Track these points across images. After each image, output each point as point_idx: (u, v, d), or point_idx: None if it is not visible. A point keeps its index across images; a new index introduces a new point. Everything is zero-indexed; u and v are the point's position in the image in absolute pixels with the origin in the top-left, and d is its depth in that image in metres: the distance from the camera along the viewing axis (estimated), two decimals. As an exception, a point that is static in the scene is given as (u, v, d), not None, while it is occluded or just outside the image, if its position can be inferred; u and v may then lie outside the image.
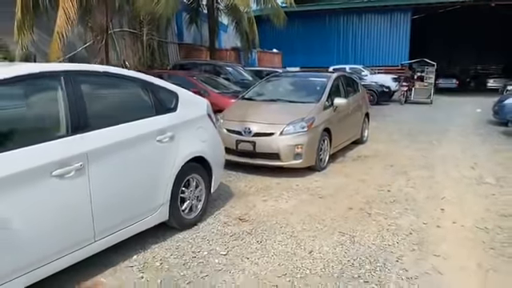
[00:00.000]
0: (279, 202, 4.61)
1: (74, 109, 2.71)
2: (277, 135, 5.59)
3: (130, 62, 15.20)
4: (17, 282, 2.30)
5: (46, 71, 2.66)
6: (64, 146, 2.58)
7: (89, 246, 2.75)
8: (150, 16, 14.75)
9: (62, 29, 8.54)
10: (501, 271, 3.04)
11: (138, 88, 3.40)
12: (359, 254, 3.32)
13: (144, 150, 3.22)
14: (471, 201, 4.71)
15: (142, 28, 15.93)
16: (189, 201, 3.80)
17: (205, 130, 4.04)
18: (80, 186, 2.64)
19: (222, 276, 2.94)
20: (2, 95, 2.37)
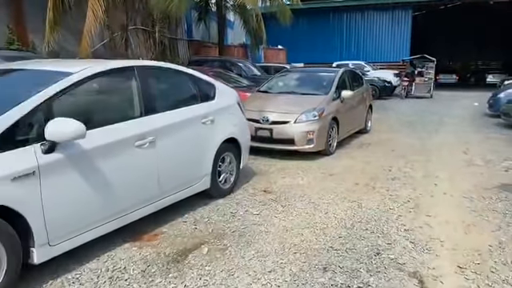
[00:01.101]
0: (296, 179, 5.39)
1: (145, 96, 3.49)
2: (291, 123, 6.36)
3: (143, 59, 15.96)
4: (112, 223, 3.10)
5: (126, 66, 3.45)
6: (141, 124, 3.36)
7: (157, 202, 3.55)
8: (162, 14, 15.47)
9: (91, 27, 9.32)
10: (478, 225, 3.83)
11: (188, 80, 4.19)
12: (366, 214, 4.10)
13: (193, 130, 4.00)
14: (461, 178, 5.49)
15: (154, 26, 16.65)
16: (224, 174, 4.59)
17: (235, 116, 4.82)
18: (152, 155, 3.42)
19: (258, 227, 3.72)
20: (101, 83, 3.15)
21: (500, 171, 5.84)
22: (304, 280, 2.79)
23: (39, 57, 7.93)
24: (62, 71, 2.97)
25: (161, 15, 15.90)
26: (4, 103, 2.56)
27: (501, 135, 8.87)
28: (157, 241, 3.39)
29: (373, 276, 2.86)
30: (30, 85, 2.82)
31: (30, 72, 3.21)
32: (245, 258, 3.10)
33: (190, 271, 2.89)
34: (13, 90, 2.88)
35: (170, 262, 3.02)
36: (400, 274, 2.90)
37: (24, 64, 3.61)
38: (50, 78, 2.86)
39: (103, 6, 9.36)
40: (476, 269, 2.97)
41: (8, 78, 3.19)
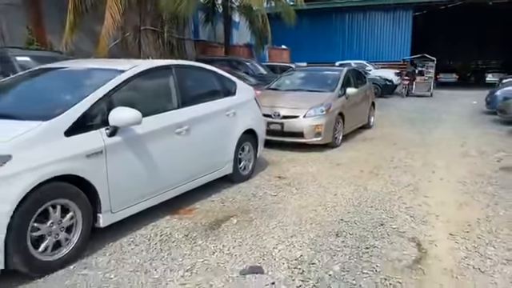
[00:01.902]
0: (306, 168, 5.95)
1: (181, 91, 4.06)
2: (301, 117, 6.92)
3: (153, 58, 16.51)
4: (158, 197, 3.66)
5: (166, 64, 4.03)
6: (178, 114, 3.92)
7: (191, 182, 4.12)
8: (170, 15, 16.00)
9: (109, 29, 9.89)
10: (469, 204, 4.38)
11: (214, 78, 4.76)
12: (371, 195, 4.65)
13: (219, 121, 4.56)
14: (456, 167, 6.04)
15: (162, 26, 17.17)
16: (244, 161, 5.15)
17: (253, 110, 5.38)
18: (187, 141, 3.97)
19: (276, 205, 4.28)
20: (147, 79, 3.71)
21: (493, 161, 6.38)
22: (321, 242, 3.34)
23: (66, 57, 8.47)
24: (116, 69, 3.53)
25: (169, 16, 16.41)
26: (74, 96, 3.12)
27: (496, 130, 9.42)
28: (192, 214, 3.95)
29: (378, 240, 3.41)
30: (93, 80, 3.39)
31: (90, 70, 3.77)
32: (269, 227, 3.66)
33: (225, 236, 3.45)
34: (79, 85, 3.44)
35: (207, 229, 3.58)
36: (401, 239, 3.46)
37: (81, 63, 4.17)
38: (107, 74, 3.42)
39: (121, 9, 9.91)
40: (465, 235, 3.53)
41: (73, 75, 3.75)
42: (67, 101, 3.04)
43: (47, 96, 3.37)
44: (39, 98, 3.37)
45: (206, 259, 3.02)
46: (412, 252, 3.21)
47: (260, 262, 2.99)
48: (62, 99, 3.12)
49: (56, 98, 3.23)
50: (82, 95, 3.09)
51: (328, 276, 2.79)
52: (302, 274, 2.81)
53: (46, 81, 3.72)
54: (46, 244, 2.72)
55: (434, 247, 3.31)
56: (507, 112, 10.13)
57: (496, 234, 3.55)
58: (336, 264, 2.96)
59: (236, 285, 2.67)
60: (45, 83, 3.67)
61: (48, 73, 3.83)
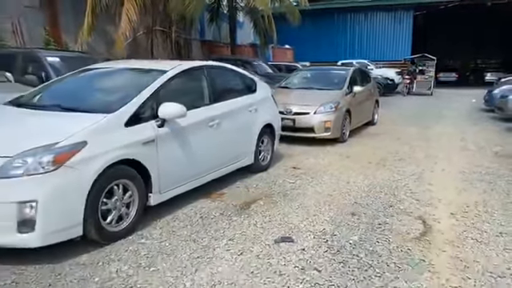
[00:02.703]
0: (318, 160, 6.46)
1: (212, 89, 4.57)
2: (311, 114, 7.42)
3: (162, 58, 17.00)
4: (196, 181, 4.19)
5: (199, 65, 4.55)
6: (210, 109, 4.43)
7: (220, 169, 4.63)
8: (179, 16, 16.47)
9: (125, 30, 10.38)
10: (468, 190, 4.90)
11: (238, 77, 5.28)
12: (379, 183, 5.16)
13: (243, 116, 5.07)
14: (457, 159, 6.55)
15: (170, 27, 17.65)
16: (263, 153, 5.65)
17: (270, 106, 5.88)
18: (218, 133, 4.47)
19: (296, 191, 4.79)
20: (185, 78, 4.22)
21: (490, 155, 6.90)
22: (339, 219, 3.86)
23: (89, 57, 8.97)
24: (159, 69, 4.04)
25: (178, 17, 16.88)
26: (129, 93, 3.63)
27: (494, 127, 9.95)
28: (223, 197, 4.47)
29: (388, 218, 3.93)
30: (141, 79, 3.90)
31: (137, 70, 4.27)
32: (292, 208, 4.17)
33: (255, 214, 3.96)
34: (131, 83, 3.94)
35: (239, 209, 4.09)
36: (408, 217, 3.97)
37: (125, 64, 4.67)
38: (153, 74, 3.93)
39: (137, 10, 10.41)
40: (464, 215, 4.04)
41: (123, 74, 4.26)
42: (124, 97, 3.55)
43: (106, 92, 3.89)
44: (100, 94, 3.89)
45: (243, 231, 3.54)
46: (418, 227, 3.72)
47: (289, 233, 3.50)
48: (119, 95, 3.62)
49: (114, 95, 3.74)
50: (136, 92, 3.60)
51: (349, 244, 3.31)
52: (327, 243, 3.32)
53: (100, 79, 4.23)
54: (111, 217, 3.22)
55: (437, 224, 3.82)
56: (505, 109, 10.63)
57: (491, 214, 4.06)
58: (354, 235, 3.48)
59: (272, 250, 3.18)
60: (100, 81, 4.18)
61: (99, 72, 4.34)
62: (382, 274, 2.83)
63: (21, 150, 2.80)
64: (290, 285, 2.68)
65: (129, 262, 2.95)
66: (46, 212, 2.73)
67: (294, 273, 2.83)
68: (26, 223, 2.71)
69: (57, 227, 2.82)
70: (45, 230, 2.75)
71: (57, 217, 2.81)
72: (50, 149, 2.83)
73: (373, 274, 2.82)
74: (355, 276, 2.80)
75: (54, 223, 2.80)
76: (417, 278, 2.79)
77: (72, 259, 2.96)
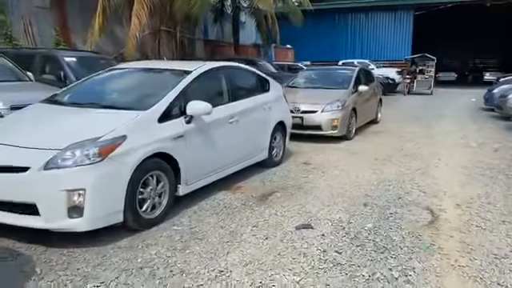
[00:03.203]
0: (327, 156, 6.75)
1: (231, 88, 4.86)
2: (319, 112, 7.72)
3: (167, 58, 17.27)
4: (218, 174, 4.48)
5: (219, 66, 4.83)
6: (230, 107, 4.72)
7: (239, 164, 4.92)
8: (184, 16, 16.72)
9: (136, 31, 10.65)
10: (471, 183, 5.19)
11: (254, 77, 5.57)
12: (387, 177, 5.45)
13: (259, 114, 5.36)
14: (459, 155, 6.85)
15: (175, 27, 17.89)
16: (276, 149, 5.94)
17: (282, 105, 6.17)
18: (237, 130, 4.76)
19: (309, 184, 5.07)
20: (207, 78, 4.50)
21: (490, 151, 7.20)
22: (353, 210, 4.15)
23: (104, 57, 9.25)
24: (184, 70, 4.33)
25: (183, 17, 17.11)
26: (159, 91, 3.91)
27: (493, 125, 10.26)
28: (241, 190, 4.75)
29: (398, 208, 4.22)
30: (168, 79, 4.19)
31: (163, 70, 4.56)
32: (307, 199, 4.46)
33: (274, 204, 4.26)
34: (159, 83, 4.23)
35: (258, 200, 4.38)
36: (417, 208, 4.26)
37: (150, 64, 4.96)
38: (178, 74, 4.22)
39: (146, 12, 10.69)
40: (468, 205, 4.34)
41: (150, 74, 4.55)
42: (155, 95, 3.83)
43: (138, 91, 4.17)
44: (132, 92, 4.17)
45: (265, 219, 3.83)
46: (427, 216, 4.02)
47: (308, 221, 3.79)
48: (151, 94, 3.90)
49: (146, 93, 4.02)
50: (165, 91, 3.89)
51: (364, 230, 3.60)
52: (344, 229, 3.62)
53: (129, 78, 4.52)
54: (147, 205, 3.51)
55: (443, 213, 4.12)
56: (504, 108, 10.94)
57: (494, 204, 4.36)
58: (369, 223, 3.77)
59: (294, 236, 3.47)
60: (130, 80, 4.47)
61: (127, 72, 4.63)
62: (396, 255, 3.12)
63: (69, 143, 3.08)
64: (314, 264, 2.97)
65: (165, 246, 3.23)
66: (92, 199, 3.01)
67: (317, 254, 3.12)
68: (76, 209, 2.99)
69: (102, 213, 3.11)
70: (92, 216, 3.04)
71: (102, 204, 3.09)
72: (96, 142, 3.12)
73: (388, 256, 3.11)
74: (373, 257, 3.09)
75: (99, 210, 3.08)
76: (428, 259, 3.09)
77: (113, 243, 3.24)
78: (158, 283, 2.69)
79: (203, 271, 2.85)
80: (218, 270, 2.87)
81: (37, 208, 2.95)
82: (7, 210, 3.02)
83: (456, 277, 2.84)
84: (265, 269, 2.90)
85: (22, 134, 3.34)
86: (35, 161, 2.99)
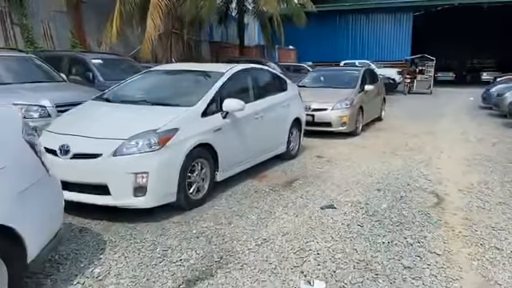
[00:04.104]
0: (339, 150, 7.31)
1: (256, 87, 5.43)
2: (329, 110, 8.29)
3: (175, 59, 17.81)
4: (247, 164, 5.05)
5: (245, 67, 5.40)
6: (255, 105, 5.27)
7: (263, 155, 5.49)
8: (191, 18, 17.25)
9: (151, 34, 11.21)
10: (471, 172, 5.77)
11: (274, 77, 6.14)
12: (395, 168, 6.02)
13: (279, 111, 5.92)
14: (459, 149, 7.43)
15: (182, 29, 18.44)
16: (292, 143, 6.50)
17: (298, 103, 6.73)
18: (261, 125, 5.32)
19: (325, 174, 5.64)
20: (237, 78, 5.06)
21: (488, 145, 7.78)
22: (368, 194, 4.72)
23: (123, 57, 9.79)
24: (217, 71, 4.89)
25: (190, 19, 17.65)
26: (200, 90, 4.48)
27: (491, 122, 10.86)
28: (266, 178, 5.32)
29: (408, 193, 4.79)
30: (206, 79, 4.75)
31: (200, 72, 5.12)
32: (327, 186, 5.03)
33: (297, 189, 4.83)
34: (198, 83, 4.79)
35: (283, 186, 4.95)
36: (423, 192, 4.83)
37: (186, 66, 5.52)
38: (214, 75, 4.79)
39: (161, 15, 11.25)
40: (469, 190, 4.91)
41: (189, 75, 5.11)
42: (197, 93, 4.40)
43: (181, 90, 4.73)
44: (176, 91, 4.73)
45: (293, 201, 4.40)
46: (433, 199, 4.59)
47: (331, 203, 4.36)
48: (193, 92, 4.47)
49: (189, 92, 4.58)
50: (205, 89, 4.46)
51: (380, 209, 4.17)
52: (363, 209, 4.19)
53: (170, 79, 5.09)
54: (193, 188, 4.07)
55: (448, 197, 4.69)
56: (501, 107, 11.53)
57: (492, 189, 4.94)
58: (383, 204, 4.34)
59: (320, 214, 4.04)
60: (170, 81, 5.04)
61: (166, 73, 5.20)
62: (410, 228, 3.70)
63: (132, 134, 3.64)
64: (341, 234, 3.54)
65: (212, 221, 3.80)
66: (154, 181, 3.57)
67: (343, 227, 3.69)
68: (140, 189, 3.55)
69: (160, 193, 3.67)
70: (153, 195, 3.60)
71: (161, 185, 3.66)
72: (155, 133, 3.68)
73: (403, 228, 3.68)
74: (390, 229, 3.66)
75: (159, 190, 3.64)
76: (437, 230, 3.66)
77: (168, 219, 3.80)
78: (214, 247, 3.25)
79: (250, 239, 3.41)
80: (262, 238, 3.44)
81: (108, 188, 3.51)
82: (85, 192, 3.57)
83: (460, 243, 3.41)
84: (300, 238, 3.46)
85: (91, 127, 3.89)
86: (105, 149, 3.55)
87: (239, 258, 3.10)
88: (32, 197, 2.40)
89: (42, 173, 2.58)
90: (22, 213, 2.30)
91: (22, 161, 2.44)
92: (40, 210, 2.49)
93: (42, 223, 2.50)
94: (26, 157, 2.49)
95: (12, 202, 2.25)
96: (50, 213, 2.63)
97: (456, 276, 2.86)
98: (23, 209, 2.32)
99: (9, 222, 2.18)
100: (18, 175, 2.35)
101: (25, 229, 2.28)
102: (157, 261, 3.02)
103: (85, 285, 2.69)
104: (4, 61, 6.68)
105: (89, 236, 3.43)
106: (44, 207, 2.54)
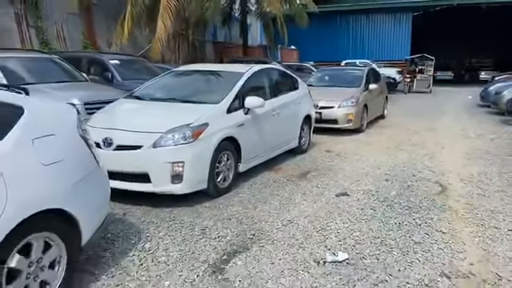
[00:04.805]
0: (346, 145, 7.73)
1: (272, 86, 5.85)
2: (336, 108, 8.71)
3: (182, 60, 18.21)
4: (265, 156, 5.46)
5: (263, 68, 5.82)
6: (272, 102, 5.69)
7: (278, 149, 5.91)
8: (196, 19, 17.64)
9: (161, 35, 11.61)
10: (471, 165, 6.20)
11: (287, 76, 6.56)
12: (401, 161, 6.45)
13: (292, 108, 6.34)
14: (459, 144, 7.87)
15: (187, 30, 18.82)
16: (303, 138, 6.92)
17: (308, 101, 7.16)
18: (277, 121, 5.73)
19: (336, 167, 6.06)
20: (256, 78, 5.48)
21: (487, 141, 8.22)
22: (377, 184, 5.14)
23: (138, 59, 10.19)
24: (238, 71, 5.32)
25: (195, 20, 18.04)
26: (224, 89, 4.89)
27: (489, 119, 11.31)
28: (282, 170, 5.74)
29: (414, 183, 5.21)
30: (228, 78, 5.17)
31: (222, 72, 5.54)
32: (339, 177, 5.45)
33: (312, 180, 5.25)
34: (221, 82, 5.21)
35: (298, 177, 5.38)
36: (428, 182, 5.26)
37: (207, 67, 5.95)
38: (234, 75, 5.21)
39: (171, 17, 11.66)
40: (470, 180, 5.34)
41: (213, 75, 5.53)
42: (221, 92, 4.82)
43: (207, 89, 5.16)
44: (202, 89, 5.15)
45: (309, 190, 4.82)
46: (437, 188, 5.02)
47: (344, 191, 4.78)
48: (218, 91, 4.88)
49: (214, 90, 5.00)
50: (228, 88, 4.88)
51: (390, 196, 4.60)
52: (374, 196, 4.61)
53: (194, 79, 5.52)
54: (220, 177, 4.49)
55: (450, 186, 5.12)
56: (499, 104, 11.96)
57: (490, 179, 5.37)
58: (393, 192, 4.77)
59: (336, 200, 4.46)
60: (195, 80, 5.47)
61: (189, 73, 5.64)
62: (418, 211, 4.13)
63: (168, 128, 4.06)
64: (356, 217, 3.96)
65: (240, 206, 4.22)
66: (189, 170, 3.99)
67: (357, 211, 4.12)
68: (177, 177, 3.97)
69: (194, 181, 4.10)
70: (188, 182, 4.02)
71: (195, 173, 4.08)
72: (188, 127, 4.10)
73: (412, 212, 4.11)
74: (400, 212, 4.09)
75: (193, 178, 4.07)
76: (442, 213, 4.09)
77: (199, 204, 4.22)
78: (245, 227, 3.68)
79: (276, 221, 3.84)
80: (286, 220, 3.86)
81: (149, 176, 3.93)
82: (128, 180, 3.98)
83: (463, 223, 3.84)
84: (320, 220, 3.89)
85: (129, 122, 4.30)
86: (146, 141, 3.97)
87: (269, 235, 3.52)
88: (85, 186, 2.73)
89: (93, 165, 2.92)
90: (77, 200, 2.62)
91: (77, 154, 2.76)
92: (92, 198, 2.81)
93: (93, 210, 2.83)
94: (81, 150, 2.82)
95: (69, 190, 2.56)
96: (100, 200, 2.96)
97: (460, 249, 3.29)
98: (79, 196, 2.64)
99: (67, 207, 2.52)
100: (74, 167, 2.68)
101: (80, 214, 2.62)
102: (197, 238, 3.44)
103: (140, 257, 3.10)
104: (30, 62, 7.08)
105: (133, 219, 3.84)
106: (95, 195, 2.87)
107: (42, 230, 2.46)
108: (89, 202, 2.79)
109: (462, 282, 2.81)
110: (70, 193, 2.60)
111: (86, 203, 2.75)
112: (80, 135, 2.83)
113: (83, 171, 2.78)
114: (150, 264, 3.00)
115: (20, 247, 2.29)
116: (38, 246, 2.41)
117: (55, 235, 2.52)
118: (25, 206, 2.28)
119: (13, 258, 2.24)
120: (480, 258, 3.15)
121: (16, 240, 2.28)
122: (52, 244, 2.50)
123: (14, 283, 2.28)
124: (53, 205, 2.49)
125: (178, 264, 3.00)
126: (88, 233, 2.74)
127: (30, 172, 2.42)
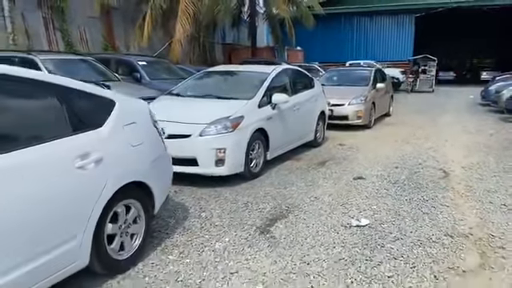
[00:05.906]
0: (357, 139, 8.43)
1: (292, 84, 6.55)
2: (346, 105, 9.41)
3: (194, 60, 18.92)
4: (288, 147, 6.16)
5: (284, 68, 6.53)
6: (294, 99, 6.38)
7: (298, 141, 6.61)
8: (208, 21, 18.33)
9: (180, 38, 12.33)
10: (472, 155, 6.88)
11: (304, 76, 7.27)
12: (408, 152, 7.13)
13: (309, 105, 7.03)
14: (461, 138, 8.55)
15: (199, 32, 19.52)
16: (318, 132, 7.61)
17: (322, 98, 7.86)
18: (297, 116, 6.42)
19: (349, 157, 6.75)
20: (279, 77, 6.18)
21: (487, 136, 8.90)
22: (388, 170, 5.83)
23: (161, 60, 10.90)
24: (264, 72, 6.03)
25: (206, 22, 18.72)
26: (254, 87, 5.60)
27: (489, 117, 11.98)
28: (301, 160, 6.44)
29: (420, 169, 5.90)
30: (257, 77, 5.88)
31: (251, 72, 6.25)
32: (353, 164, 6.15)
33: (331, 167, 5.95)
34: (251, 80, 5.91)
35: (318, 165, 6.08)
36: (433, 169, 5.94)
37: (236, 68, 6.65)
38: (262, 74, 5.93)
39: (190, 20, 12.38)
40: (470, 167, 6.02)
41: (243, 74, 6.24)
42: (252, 89, 5.53)
43: (238, 86, 5.87)
44: (235, 87, 5.86)
45: (329, 174, 5.52)
46: (441, 174, 5.71)
47: (360, 176, 5.48)
48: (248, 89, 5.59)
49: (245, 88, 5.70)
50: (258, 86, 5.58)
51: (400, 179, 5.30)
52: (386, 179, 5.31)
53: (226, 78, 6.25)
54: (253, 163, 5.20)
55: (453, 172, 5.80)
56: (499, 102, 12.62)
57: (488, 166, 6.06)
58: (403, 176, 5.47)
59: (353, 182, 5.16)
60: (227, 79, 6.19)
61: (222, 73, 6.35)
62: (425, 190, 4.83)
63: (211, 120, 4.76)
64: (373, 194, 4.66)
65: (271, 186, 4.93)
66: (230, 155, 4.70)
67: (373, 190, 4.82)
68: (220, 161, 4.68)
69: (234, 165, 4.81)
70: (229, 166, 4.73)
71: (234, 158, 4.78)
72: (228, 119, 4.80)
73: (420, 191, 4.81)
74: (409, 191, 4.79)
75: (233, 162, 4.77)
76: (445, 192, 4.78)
77: (237, 185, 4.93)
78: (280, 202, 4.38)
79: (304, 198, 4.54)
80: (313, 197, 4.57)
81: (197, 161, 4.64)
82: (178, 164, 4.63)
83: (463, 200, 4.53)
84: (342, 197, 4.59)
85: (175, 115, 4.98)
86: (193, 131, 4.68)
87: (301, 208, 4.22)
88: (157, 165, 3.41)
89: (162, 148, 3.64)
90: (152, 175, 3.29)
91: (152, 139, 3.49)
92: (162, 175, 3.51)
93: (162, 184, 3.51)
94: (154, 136, 3.55)
95: (147, 167, 3.24)
96: (166, 178, 3.65)
97: (461, 218, 3.98)
98: (153, 173, 3.32)
99: (147, 180, 3.21)
100: (151, 149, 3.40)
101: (154, 187, 3.29)
102: (242, 209, 4.15)
103: (199, 221, 3.81)
104: (69, 63, 7.81)
105: (185, 196, 4.54)
106: (163, 173, 3.56)
107: (128, 198, 3.13)
108: (160, 178, 3.48)
109: (462, 239, 3.50)
110: (148, 169, 3.31)
111: (158, 179, 3.45)
112: (153, 124, 3.53)
113: (156, 153, 3.48)
114: (209, 227, 3.71)
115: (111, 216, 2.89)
116: (122, 211, 3.01)
117: (137, 202, 3.17)
118: (119, 178, 2.95)
119: (107, 227, 2.83)
120: (477, 224, 3.84)
121: (116, 202, 2.97)
122: (132, 207, 3.12)
123: (114, 242, 2.95)
124: (138, 178, 3.19)
125: (231, 227, 3.71)
126: (158, 204, 3.44)
127: (123, 151, 3.11)
